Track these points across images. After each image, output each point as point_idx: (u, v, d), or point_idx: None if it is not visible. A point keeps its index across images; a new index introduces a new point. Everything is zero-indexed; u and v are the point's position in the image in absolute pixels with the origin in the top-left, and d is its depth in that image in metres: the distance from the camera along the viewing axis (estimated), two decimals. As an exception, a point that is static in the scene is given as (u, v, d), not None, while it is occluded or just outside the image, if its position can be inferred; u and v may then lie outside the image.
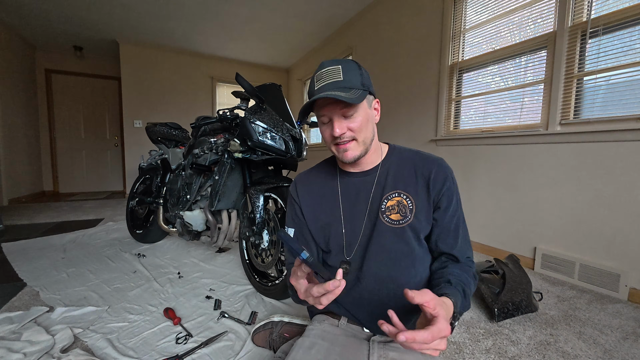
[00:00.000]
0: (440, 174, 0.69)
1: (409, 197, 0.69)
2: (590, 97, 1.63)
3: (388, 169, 0.73)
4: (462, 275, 0.65)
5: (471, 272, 0.68)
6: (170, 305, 1.31)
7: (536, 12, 1.85)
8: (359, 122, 0.65)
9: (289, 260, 0.84)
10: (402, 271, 0.69)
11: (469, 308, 0.64)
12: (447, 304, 0.52)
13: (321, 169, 0.81)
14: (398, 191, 0.70)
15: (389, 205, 0.70)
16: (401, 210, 0.69)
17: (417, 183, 0.70)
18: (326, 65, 0.66)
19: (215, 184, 1.53)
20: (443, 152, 2.47)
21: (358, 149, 0.67)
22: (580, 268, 1.60)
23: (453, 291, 0.59)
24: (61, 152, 5.12)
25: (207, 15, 3.64)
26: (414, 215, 0.69)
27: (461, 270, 0.66)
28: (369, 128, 0.67)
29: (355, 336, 0.74)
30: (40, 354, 0.94)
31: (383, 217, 0.70)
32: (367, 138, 0.68)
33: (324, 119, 0.67)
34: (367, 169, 0.74)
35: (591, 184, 1.59)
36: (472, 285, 0.66)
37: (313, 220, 0.78)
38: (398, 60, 2.96)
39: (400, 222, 0.69)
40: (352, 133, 0.65)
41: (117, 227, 2.74)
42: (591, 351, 1.05)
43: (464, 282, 0.63)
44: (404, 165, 0.72)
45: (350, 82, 0.64)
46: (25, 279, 1.57)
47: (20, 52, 4.33)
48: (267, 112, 1.39)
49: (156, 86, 4.70)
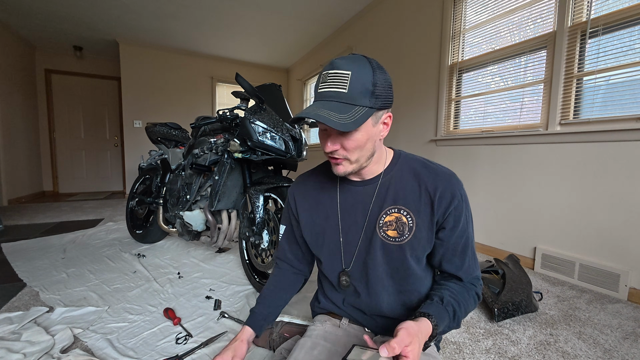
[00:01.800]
0: (447, 193, 0.62)
1: (409, 213, 0.64)
2: (589, 97, 1.63)
3: (390, 180, 0.67)
4: (460, 295, 0.62)
5: (473, 291, 0.65)
6: (170, 306, 1.31)
7: (536, 12, 1.86)
8: (355, 142, 0.58)
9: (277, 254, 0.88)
10: (401, 287, 0.68)
11: (457, 328, 0.63)
12: (423, 330, 0.52)
13: (321, 172, 0.77)
14: (398, 206, 0.65)
15: (386, 221, 0.65)
16: (399, 228, 0.64)
17: (420, 199, 0.64)
18: (336, 66, 0.56)
19: (215, 184, 1.53)
20: (443, 152, 2.47)
21: (350, 167, 0.62)
22: (580, 268, 1.60)
23: (440, 311, 0.57)
24: (61, 152, 5.12)
25: (207, 15, 3.64)
26: (413, 234, 0.64)
27: (462, 289, 0.64)
28: (367, 147, 0.60)
29: (357, 337, 0.74)
30: (40, 354, 0.94)
31: (380, 232, 0.66)
32: (363, 157, 0.61)
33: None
34: (367, 178, 0.69)
35: (591, 183, 1.59)
36: (471, 304, 0.64)
37: (309, 225, 0.76)
38: (398, 60, 2.96)
39: (396, 240, 0.65)
40: (345, 152, 0.60)
41: (117, 227, 2.74)
42: (591, 351, 1.05)
43: (459, 301, 0.61)
44: (407, 177, 0.66)
45: (355, 97, 0.55)
46: (25, 279, 1.57)
47: (20, 52, 4.33)
48: (267, 112, 1.39)
49: (156, 86, 4.70)
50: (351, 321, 0.77)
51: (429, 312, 0.56)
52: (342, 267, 0.72)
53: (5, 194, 3.86)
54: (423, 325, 0.52)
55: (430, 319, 0.54)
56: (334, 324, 0.77)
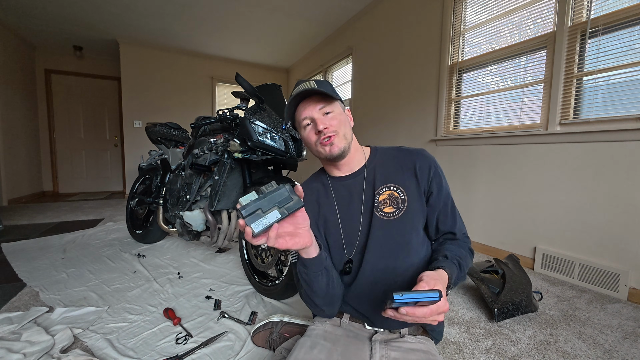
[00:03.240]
0: (424, 163, 0.73)
1: (399, 188, 0.73)
2: (589, 97, 1.63)
3: (375, 167, 0.76)
4: (458, 250, 0.70)
5: (467, 246, 0.73)
6: (170, 306, 1.31)
7: (536, 12, 1.86)
8: (338, 119, 0.71)
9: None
10: (399, 262, 0.71)
11: (464, 280, 0.69)
12: (442, 277, 0.57)
13: (312, 180, 0.84)
14: (388, 184, 0.74)
15: (381, 200, 0.73)
16: (393, 203, 0.72)
17: (404, 175, 0.74)
18: (301, 82, 0.72)
19: (215, 184, 1.53)
20: (443, 152, 2.47)
21: (342, 142, 0.71)
22: (580, 268, 1.60)
23: (449, 264, 0.64)
24: (61, 152, 5.12)
25: (207, 15, 3.63)
26: (407, 206, 0.72)
27: (458, 247, 0.71)
28: (347, 126, 0.73)
29: (357, 336, 0.74)
30: (40, 354, 0.94)
31: (377, 211, 0.72)
32: (347, 134, 0.72)
33: (306, 121, 0.72)
34: (355, 169, 0.77)
35: (591, 183, 1.59)
36: (469, 258, 0.71)
37: (314, 227, 0.78)
38: (398, 60, 2.96)
39: (393, 214, 0.72)
40: (334, 128, 0.70)
41: (116, 227, 2.74)
42: (591, 351, 1.05)
43: (460, 256, 0.68)
44: (388, 161, 0.77)
45: (325, 89, 0.69)
46: (25, 279, 1.57)
47: (20, 52, 4.33)
48: (266, 112, 1.39)
49: (156, 86, 4.70)
50: (352, 318, 0.78)
51: (439, 265, 0.62)
52: (346, 256, 0.76)
53: (5, 194, 3.86)
54: (441, 273, 0.59)
55: (444, 269, 0.60)
56: (334, 324, 0.78)
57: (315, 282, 0.67)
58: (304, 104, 0.72)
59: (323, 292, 0.69)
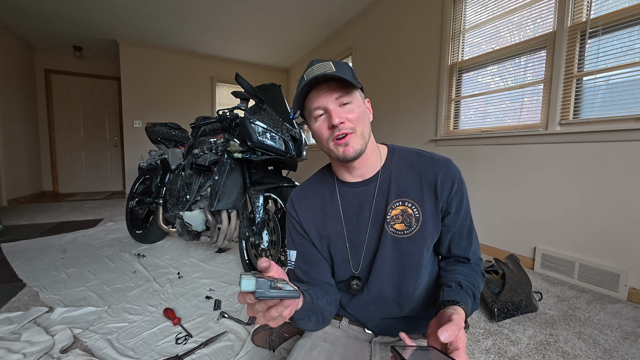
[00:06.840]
0: (447, 178, 0.64)
1: (414, 204, 0.65)
2: (589, 97, 1.63)
3: (390, 175, 0.67)
4: (471, 276, 0.64)
5: (479, 270, 0.68)
6: (170, 306, 1.31)
7: (536, 12, 1.86)
8: (356, 113, 0.60)
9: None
10: (406, 281, 0.67)
11: (477, 309, 0.64)
12: (461, 317, 0.50)
13: (317, 181, 0.75)
14: (402, 199, 0.65)
15: (393, 215, 0.65)
16: (405, 220, 0.65)
17: (422, 189, 0.65)
18: (316, 62, 0.61)
19: (215, 184, 1.53)
20: (443, 152, 2.47)
21: (359, 143, 0.61)
22: (580, 268, 1.60)
23: (464, 297, 0.58)
24: (61, 152, 5.12)
25: (207, 15, 3.63)
26: (421, 225, 0.64)
27: (471, 270, 0.65)
28: (366, 122, 0.63)
29: (356, 338, 0.73)
30: (39, 354, 0.94)
31: (388, 227, 0.65)
32: (365, 132, 0.62)
33: (318, 111, 0.61)
34: (367, 176, 0.68)
35: (591, 184, 1.59)
36: (481, 284, 0.66)
37: (316, 237, 0.72)
38: (398, 60, 2.96)
39: (405, 232, 0.65)
40: (351, 124, 0.60)
41: (116, 227, 2.74)
42: (591, 351, 1.05)
43: (474, 283, 0.62)
44: (406, 170, 0.67)
45: (344, 73, 0.58)
46: (25, 279, 1.57)
47: (20, 52, 4.33)
48: (266, 112, 1.39)
49: (156, 86, 4.70)
50: (351, 322, 0.77)
51: (454, 299, 0.57)
52: (352, 271, 0.70)
53: (5, 194, 3.86)
54: (460, 312, 0.52)
55: (460, 305, 0.54)
56: (333, 325, 0.77)
57: (303, 325, 0.61)
58: (317, 90, 0.60)
59: (313, 328, 0.67)
